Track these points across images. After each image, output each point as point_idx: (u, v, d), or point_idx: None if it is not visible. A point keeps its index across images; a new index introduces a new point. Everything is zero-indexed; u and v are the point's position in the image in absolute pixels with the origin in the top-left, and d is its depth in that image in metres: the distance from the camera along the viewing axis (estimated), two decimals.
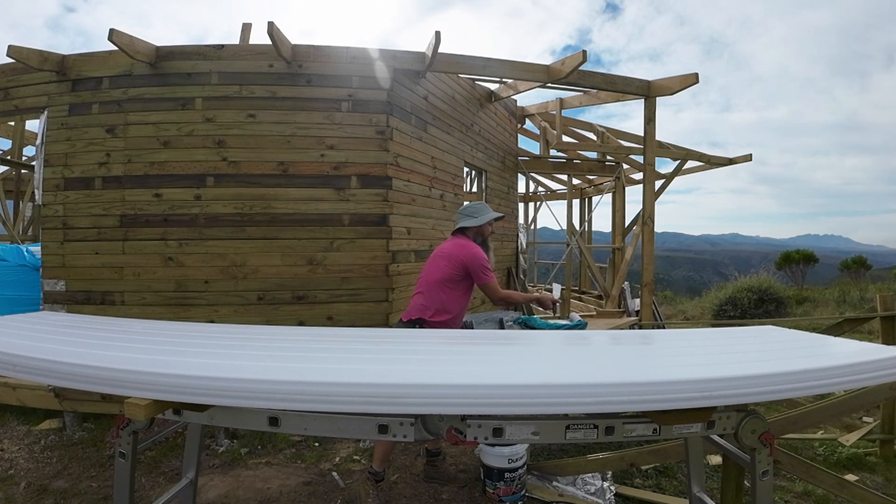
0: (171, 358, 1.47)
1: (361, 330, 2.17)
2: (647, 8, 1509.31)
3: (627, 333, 2.67)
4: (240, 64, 4.01)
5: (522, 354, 1.81)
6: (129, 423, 1.50)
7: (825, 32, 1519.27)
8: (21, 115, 4.85)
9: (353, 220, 4.08)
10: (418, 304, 2.86)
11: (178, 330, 1.97)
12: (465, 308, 2.98)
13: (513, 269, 7.16)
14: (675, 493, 2.89)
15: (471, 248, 2.92)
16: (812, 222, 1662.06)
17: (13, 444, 3.49)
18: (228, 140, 3.97)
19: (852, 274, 15.64)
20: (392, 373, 1.41)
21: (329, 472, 3.17)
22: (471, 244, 2.96)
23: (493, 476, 2.79)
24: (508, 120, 7.21)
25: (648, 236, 5.57)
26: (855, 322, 4.35)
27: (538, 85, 5.09)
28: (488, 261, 2.96)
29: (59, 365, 1.39)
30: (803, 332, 2.04)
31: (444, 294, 2.85)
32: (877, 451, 3.51)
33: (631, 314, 6.59)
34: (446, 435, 1.41)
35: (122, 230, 3.94)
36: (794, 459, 2.48)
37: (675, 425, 1.38)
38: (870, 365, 1.44)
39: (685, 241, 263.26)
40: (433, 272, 2.90)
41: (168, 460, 3.26)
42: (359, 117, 4.10)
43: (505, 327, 3.46)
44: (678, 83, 5.17)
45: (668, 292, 15.08)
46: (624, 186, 8.44)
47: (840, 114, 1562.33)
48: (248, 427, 1.48)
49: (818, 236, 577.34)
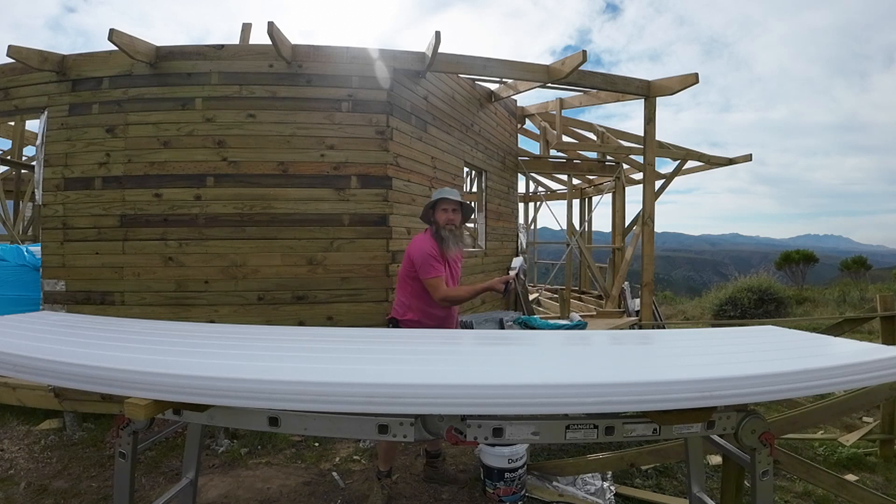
0: (171, 358, 1.47)
1: (361, 330, 2.17)
2: (647, 8, 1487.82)
3: (627, 333, 2.67)
4: (240, 64, 4.01)
5: (522, 354, 1.81)
6: (129, 423, 1.50)
7: (825, 33, 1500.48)
8: (21, 115, 4.85)
9: (353, 220, 4.08)
10: (394, 303, 2.88)
11: (178, 330, 1.97)
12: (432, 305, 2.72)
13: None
14: (675, 493, 2.89)
15: (417, 241, 2.77)
16: (812, 222, 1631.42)
17: (13, 444, 3.49)
18: (228, 140, 3.97)
19: (852, 274, 15.64)
20: (392, 373, 1.41)
21: (329, 472, 3.17)
22: (420, 237, 2.79)
23: (493, 476, 2.79)
24: (508, 120, 7.21)
25: (648, 236, 5.57)
26: (855, 322, 4.34)
27: (538, 85, 5.09)
28: (437, 255, 2.68)
29: (59, 365, 1.39)
30: (803, 332, 2.04)
31: (405, 291, 2.78)
32: (877, 451, 3.50)
33: (631, 314, 6.59)
34: (446, 435, 1.41)
35: (122, 230, 3.94)
36: (794, 459, 2.48)
37: (675, 425, 1.38)
38: (870, 365, 1.44)
39: (685, 241, 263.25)
40: (400, 269, 2.83)
41: (168, 460, 3.26)
42: (359, 117, 4.10)
43: (505, 327, 3.47)
44: (678, 83, 5.17)
45: (668, 292, 15.07)
46: (624, 186, 8.44)
47: (840, 114, 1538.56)
48: (247, 427, 1.48)
49: (818, 236, 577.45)
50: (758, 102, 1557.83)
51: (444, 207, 2.76)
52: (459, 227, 2.81)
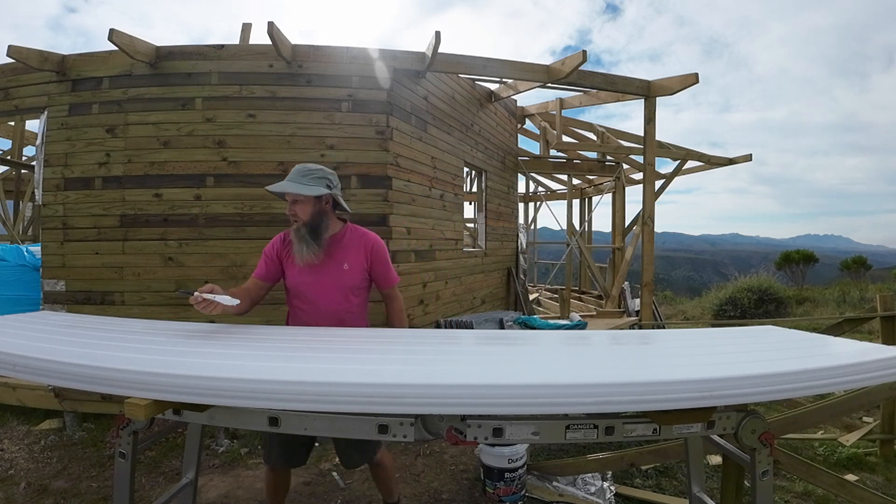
0: (171, 358, 1.47)
1: (361, 330, 2.16)
2: (647, 9, 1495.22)
3: (627, 333, 2.67)
4: (240, 64, 4.01)
5: (522, 354, 1.81)
6: (129, 423, 1.50)
7: (824, 33, 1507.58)
8: (21, 115, 4.85)
9: (354, 220, 4.04)
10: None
11: (178, 330, 1.97)
12: (317, 302, 2.13)
13: (513, 269, 7.16)
14: (675, 493, 2.89)
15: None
16: (812, 222, 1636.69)
17: (13, 444, 3.49)
18: (228, 140, 3.97)
19: (852, 274, 15.66)
20: (392, 373, 1.41)
21: (329, 472, 3.17)
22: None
23: (493, 476, 2.79)
24: (508, 120, 7.21)
25: (648, 236, 5.57)
26: (855, 322, 4.35)
27: (538, 85, 5.09)
28: (268, 251, 2.21)
29: (59, 365, 1.39)
30: (803, 332, 2.04)
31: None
32: (877, 451, 3.51)
33: (631, 314, 6.60)
34: (446, 435, 1.41)
35: (122, 230, 3.94)
36: (794, 459, 2.48)
37: (675, 425, 1.38)
38: (870, 365, 1.44)
39: (685, 241, 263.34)
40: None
41: (168, 460, 3.26)
42: (359, 117, 4.10)
43: (505, 327, 3.47)
44: (678, 83, 5.17)
45: (668, 292, 15.08)
46: (624, 186, 8.44)
47: (839, 114, 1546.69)
48: (248, 427, 1.48)
49: (818, 236, 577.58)
50: (758, 102, 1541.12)
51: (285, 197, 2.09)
52: (313, 221, 2.06)
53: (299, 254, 2.05)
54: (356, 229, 2.23)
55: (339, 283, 2.11)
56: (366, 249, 2.16)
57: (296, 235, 2.07)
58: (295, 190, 2.02)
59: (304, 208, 2.04)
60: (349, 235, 2.18)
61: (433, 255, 4.86)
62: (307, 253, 2.04)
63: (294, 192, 2.02)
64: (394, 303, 2.30)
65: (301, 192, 2.01)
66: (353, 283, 2.13)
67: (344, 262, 2.11)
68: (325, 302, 2.11)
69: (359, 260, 2.14)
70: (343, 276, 2.11)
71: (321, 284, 2.10)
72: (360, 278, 2.15)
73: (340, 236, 2.16)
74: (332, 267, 2.10)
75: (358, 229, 2.24)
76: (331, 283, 2.10)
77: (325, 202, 2.09)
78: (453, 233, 5.36)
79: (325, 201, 2.09)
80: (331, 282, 2.10)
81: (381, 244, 2.22)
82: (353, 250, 2.15)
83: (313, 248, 2.04)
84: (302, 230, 2.05)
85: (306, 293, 2.13)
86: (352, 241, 2.17)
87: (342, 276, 2.11)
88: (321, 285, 2.10)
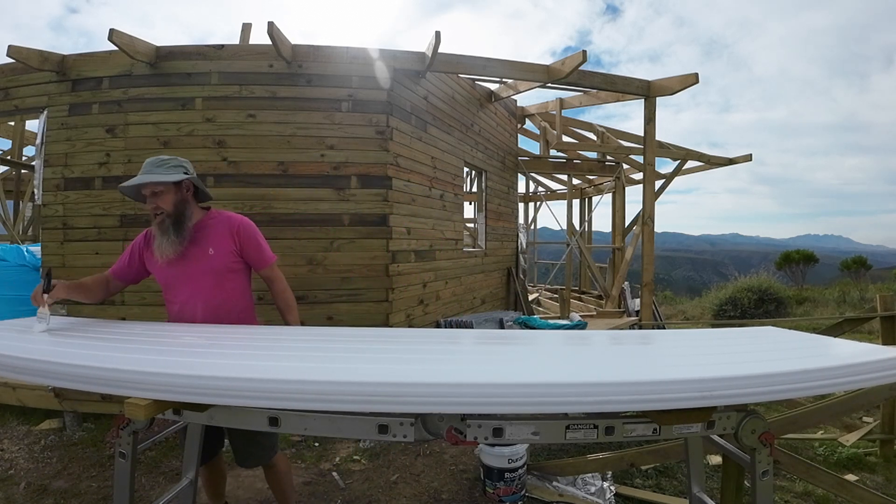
0: (171, 358, 1.47)
1: (361, 330, 2.16)
2: (647, 10, 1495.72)
3: (627, 333, 2.67)
4: (240, 64, 4.01)
5: (522, 354, 1.81)
6: (129, 423, 1.50)
7: (824, 33, 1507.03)
8: (21, 115, 4.86)
9: (353, 220, 4.08)
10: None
11: (178, 330, 1.97)
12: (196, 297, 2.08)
13: (513, 269, 7.16)
14: (675, 493, 2.89)
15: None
16: (812, 222, 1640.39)
17: (13, 444, 3.49)
18: (228, 140, 3.97)
19: (852, 274, 15.66)
20: (392, 372, 1.41)
21: (329, 472, 3.17)
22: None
23: (493, 476, 2.79)
24: (508, 120, 7.21)
25: (648, 236, 5.58)
26: (855, 322, 4.35)
27: (538, 85, 5.10)
28: (133, 245, 2.16)
29: (59, 365, 1.39)
30: (803, 333, 2.04)
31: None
32: (877, 451, 3.50)
33: (631, 314, 6.60)
34: (446, 435, 1.41)
35: (123, 230, 3.94)
36: (794, 459, 2.48)
37: (675, 425, 1.38)
38: (870, 365, 1.43)
39: (685, 241, 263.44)
40: None
41: (168, 460, 3.26)
42: (359, 117, 4.10)
43: (505, 327, 3.47)
44: (678, 83, 5.17)
45: (668, 292, 15.08)
46: (624, 186, 8.44)
47: (839, 114, 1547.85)
48: (248, 427, 1.48)
49: (818, 236, 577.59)
50: (757, 103, 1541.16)
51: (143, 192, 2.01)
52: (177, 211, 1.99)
53: (159, 248, 1.98)
54: (221, 213, 2.17)
55: (207, 269, 2.04)
56: (231, 231, 2.08)
57: (159, 229, 1.99)
58: (153, 179, 1.95)
59: (165, 199, 1.97)
60: (214, 221, 2.12)
61: (433, 255, 4.86)
62: (167, 246, 1.97)
63: (153, 180, 1.95)
64: (275, 284, 2.22)
65: (161, 180, 1.95)
66: (221, 266, 2.05)
67: (209, 246, 2.04)
68: (198, 289, 2.05)
69: (226, 243, 2.07)
70: (210, 261, 2.04)
71: (189, 273, 2.03)
72: (230, 261, 2.08)
73: (205, 223, 2.09)
74: (199, 253, 2.04)
75: (223, 213, 2.17)
76: (198, 270, 2.03)
77: (185, 189, 2.03)
78: (453, 233, 5.36)
79: (185, 188, 2.03)
80: (198, 269, 2.03)
81: (248, 224, 2.14)
82: (219, 234, 2.07)
83: (173, 241, 1.97)
84: (166, 222, 1.97)
85: (176, 285, 2.07)
86: (216, 226, 2.10)
87: (209, 261, 2.04)
88: (189, 274, 2.03)
